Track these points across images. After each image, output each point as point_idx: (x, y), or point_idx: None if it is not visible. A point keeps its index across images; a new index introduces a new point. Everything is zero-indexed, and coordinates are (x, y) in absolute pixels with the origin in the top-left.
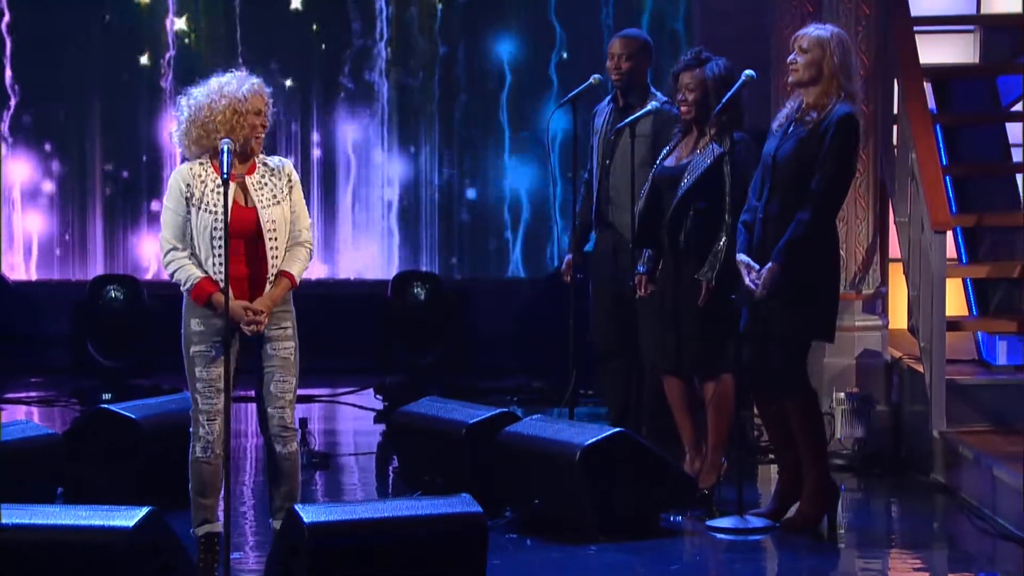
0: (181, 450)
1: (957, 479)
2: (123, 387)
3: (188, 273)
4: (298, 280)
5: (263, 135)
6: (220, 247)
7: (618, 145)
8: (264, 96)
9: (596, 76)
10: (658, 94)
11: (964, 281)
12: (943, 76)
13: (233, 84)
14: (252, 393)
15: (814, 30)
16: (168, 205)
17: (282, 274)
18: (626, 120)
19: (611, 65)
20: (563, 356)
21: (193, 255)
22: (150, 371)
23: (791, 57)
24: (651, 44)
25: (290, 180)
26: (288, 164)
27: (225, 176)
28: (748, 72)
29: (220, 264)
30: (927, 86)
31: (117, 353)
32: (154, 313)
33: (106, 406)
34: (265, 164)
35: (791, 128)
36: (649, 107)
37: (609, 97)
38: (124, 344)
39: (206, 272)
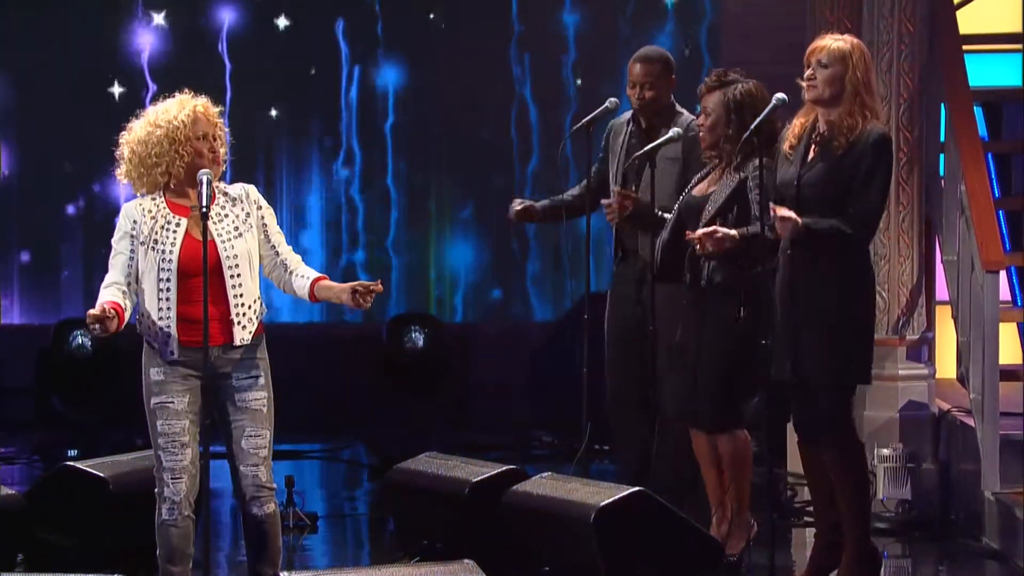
0: (154, 511)
1: (1012, 545)
2: (91, 442)
3: (99, 296)
4: None
5: (218, 160)
6: (168, 288)
7: (643, 171)
8: (211, 117)
9: (612, 100)
10: (685, 113)
11: (1019, 326)
12: (995, 100)
13: (171, 110)
14: (223, 448)
15: (832, 42)
16: (113, 243)
17: (318, 279)
18: (645, 148)
19: (633, 94)
20: (576, 407)
21: (130, 294)
22: (121, 424)
23: (808, 72)
24: (672, 62)
25: (259, 206)
26: (252, 190)
27: (204, 209)
28: (779, 96)
29: (168, 307)
30: (977, 111)
31: (84, 405)
32: (126, 360)
33: (72, 463)
34: (225, 194)
35: (811, 151)
36: (671, 133)
37: (629, 115)
38: (92, 395)
39: (123, 300)
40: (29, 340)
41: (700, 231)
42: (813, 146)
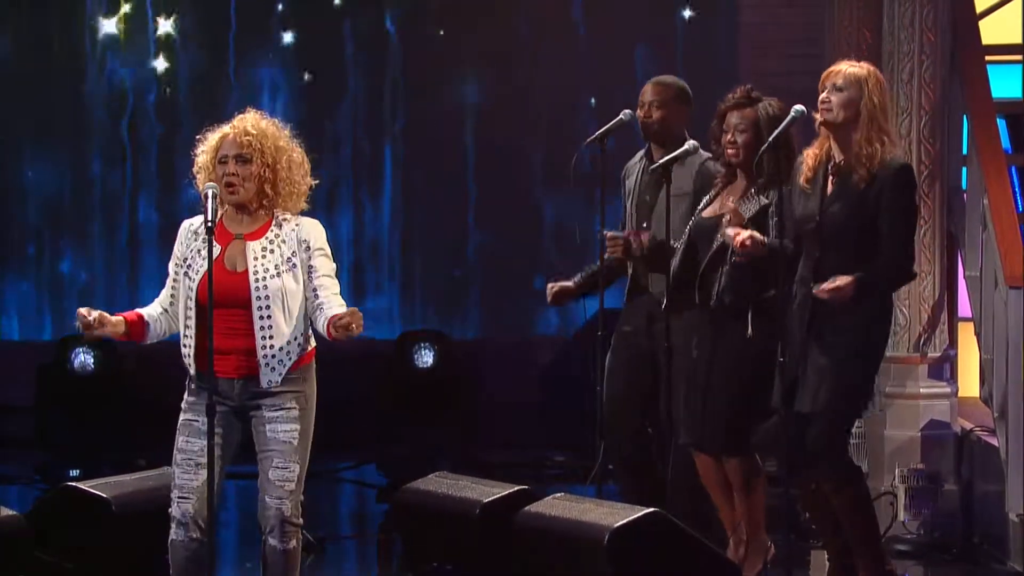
0: (159, 533)
1: None
2: (93, 462)
3: None
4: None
5: (239, 188)
6: (190, 318)
7: (654, 208)
8: (240, 137)
9: (626, 112)
10: (695, 144)
11: None
12: (1019, 112)
13: (214, 133)
14: (244, 469)
15: (848, 67)
16: (170, 263)
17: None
18: (658, 163)
19: (641, 114)
20: (589, 425)
21: (171, 315)
22: (124, 444)
23: (823, 95)
24: (689, 92)
25: (307, 247)
26: (306, 227)
27: (210, 224)
28: (797, 108)
29: (189, 336)
30: (1001, 123)
31: (87, 424)
32: (130, 378)
33: (74, 483)
34: (281, 226)
35: (829, 184)
36: (687, 146)
37: (641, 153)
38: (95, 413)
39: (146, 314)
40: (30, 357)
41: (742, 233)
42: (831, 178)
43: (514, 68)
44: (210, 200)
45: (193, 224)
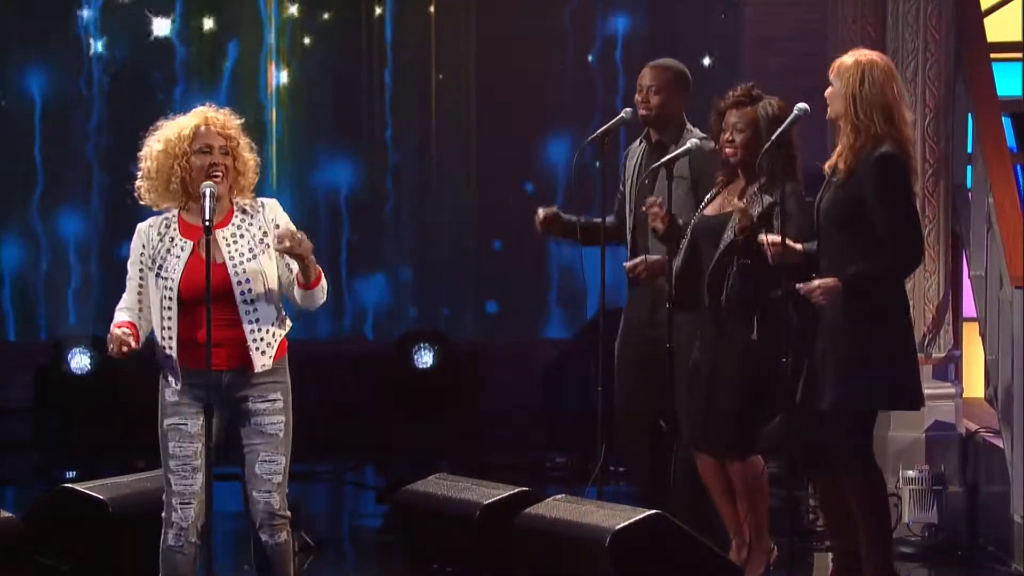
0: (156, 535)
1: None
2: (91, 463)
3: (115, 317)
4: (323, 280)
5: (223, 174)
6: (169, 316)
7: (653, 191)
8: (220, 129)
9: (627, 110)
10: (695, 131)
11: None
12: (1021, 110)
13: (175, 125)
14: (237, 470)
15: (845, 58)
16: (128, 265)
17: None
18: (661, 161)
19: (639, 98)
20: (591, 427)
21: (144, 317)
22: (122, 445)
23: (828, 89)
24: (687, 76)
25: (276, 224)
26: (271, 205)
27: (207, 223)
28: (801, 106)
29: (170, 335)
30: (1006, 121)
31: (85, 425)
32: (127, 379)
33: (71, 485)
34: (244, 211)
35: (833, 174)
36: (688, 145)
37: (641, 136)
38: (92, 415)
39: (137, 322)
40: (28, 358)
41: (771, 239)
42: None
43: (519, 66)
44: (207, 199)
45: (153, 226)
